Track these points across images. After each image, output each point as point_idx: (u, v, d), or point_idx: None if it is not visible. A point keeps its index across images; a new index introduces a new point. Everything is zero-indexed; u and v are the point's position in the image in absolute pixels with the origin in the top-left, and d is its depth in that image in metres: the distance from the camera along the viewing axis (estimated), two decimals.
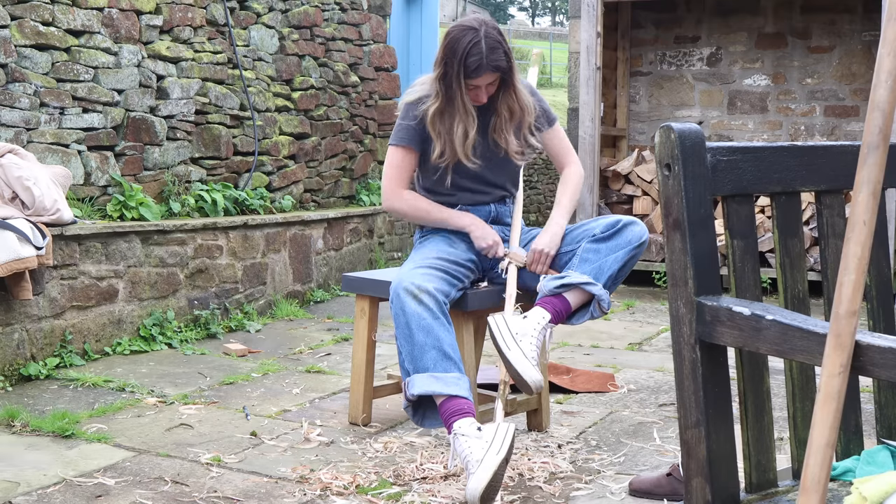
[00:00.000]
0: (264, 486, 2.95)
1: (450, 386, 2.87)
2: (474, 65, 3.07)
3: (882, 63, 1.32)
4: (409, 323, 2.92)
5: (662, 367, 4.58)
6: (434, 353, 2.90)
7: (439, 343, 2.91)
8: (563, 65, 21.99)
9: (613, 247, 3.12)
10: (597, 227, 3.17)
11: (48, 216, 4.15)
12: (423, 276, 3.01)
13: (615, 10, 8.01)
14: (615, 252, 3.11)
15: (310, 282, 6.20)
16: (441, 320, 2.94)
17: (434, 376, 2.89)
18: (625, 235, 3.12)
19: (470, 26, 3.11)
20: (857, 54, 7.68)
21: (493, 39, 3.10)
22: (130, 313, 4.73)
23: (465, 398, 2.88)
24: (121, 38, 5.03)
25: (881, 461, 1.61)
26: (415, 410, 3.02)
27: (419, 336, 2.91)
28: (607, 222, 3.16)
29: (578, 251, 3.15)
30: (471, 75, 3.09)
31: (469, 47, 3.07)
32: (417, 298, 2.93)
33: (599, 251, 3.12)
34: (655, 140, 1.52)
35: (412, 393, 2.91)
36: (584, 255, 3.13)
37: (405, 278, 2.99)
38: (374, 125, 7.37)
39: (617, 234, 3.13)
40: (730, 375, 1.54)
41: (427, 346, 2.90)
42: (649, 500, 2.86)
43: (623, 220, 3.16)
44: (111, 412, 3.68)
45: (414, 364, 2.92)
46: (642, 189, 7.60)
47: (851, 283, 1.32)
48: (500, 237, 3.25)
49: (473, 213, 3.31)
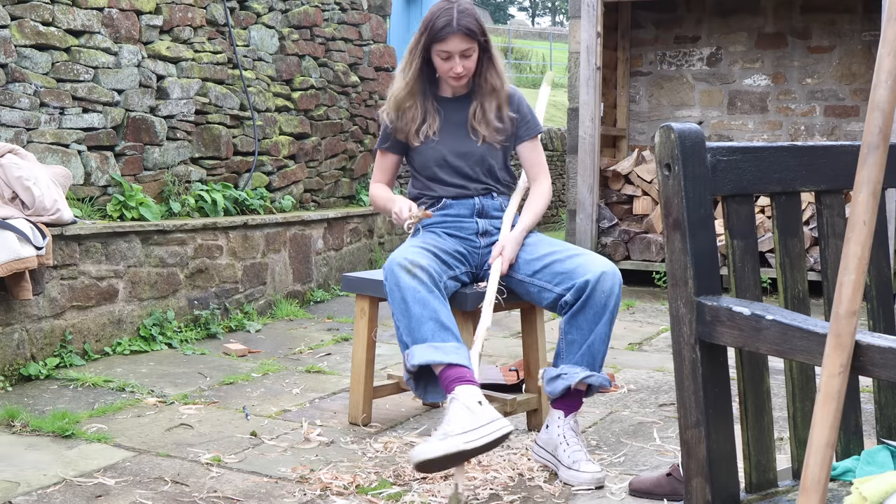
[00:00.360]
0: (264, 486, 2.95)
1: (449, 354, 2.87)
2: (443, 24, 3.15)
3: (882, 63, 1.32)
4: (404, 297, 2.94)
5: (662, 367, 4.58)
6: (431, 324, 2.90)
7: (436, 314, 2.91)
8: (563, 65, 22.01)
9: (593, 319, 3.01)
10: (568, 294, 3.04)
11: (48, 216, 4.15)
12: (415, 253, 3.06)
13: (615, 10, 8.01)
14: (597, 326, 3.02)
15: (310, 282, 6.20)
16: (436, 293, 2.95)
17: (433, 346, 2.89)
18: (596, 301, 3.00)
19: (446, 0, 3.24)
20: (857, 54, 7.68)
21: (465, 8, 3.20)
22: (130, 313, 4.73)
23: (466, 366, 2.87)
24: (121, 38, 5.03)
25: (881, 461, 1.61)
26: (416, 383, 3.01)
27: (415, 308, 2.92)
28: (576, 286, 3.02)
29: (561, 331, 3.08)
30: (439, 36, 3.16)
31: (439, 13, 3.18)
32: (411, 273, 2.96)
33: (581, 328, 3.03)
34: (655, 140, 1.52)
35: (412, 363, 2.90)
36: (568, 336, 3.05)
37: (398, 255, 3.05)
38: (374, 125, 7.36)
39: (589, 301, 3.00)
40: (730, 375, 1.54)
41: (424, 318, 2.90)
42: (649, 500, 2.86)
43: (589, 278, 3.01)
44: (111, 412, 3.68)
45: (412, 336, 2.92)
46: (642, 189, 7.60)
47: (851, 283, 1.32)
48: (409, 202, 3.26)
49: (458, 206, 3.33)
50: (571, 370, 3.03)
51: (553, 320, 5.72)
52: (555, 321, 5.70)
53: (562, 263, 3.11)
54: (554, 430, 3.08)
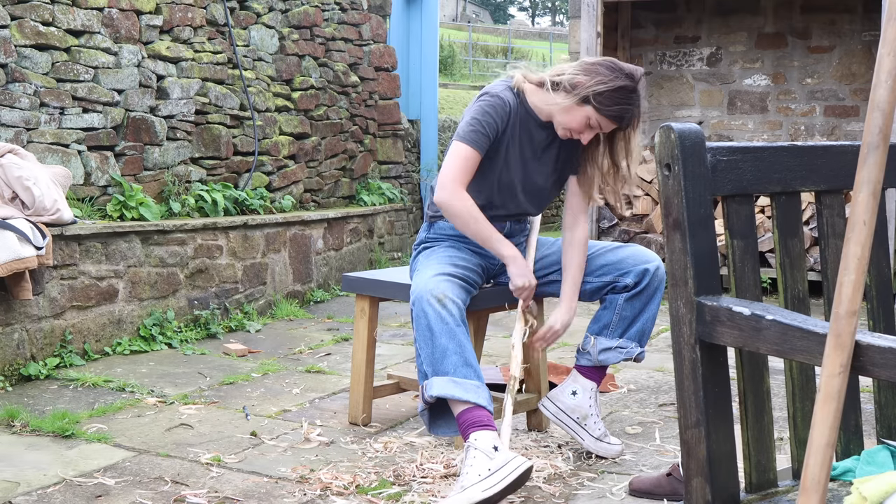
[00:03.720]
0: (264, 486, 2.95)
1: (469, 392, 2.81)
2: (624, 114, 2.95)
3: (882, 63, 1.32)
4: (430, 325, 2.85)
5: (662, 367, 4.58)
6: (455, 359, 2.84)
7: (461, 349, 2.84)
8: None
9: (646, 300, 3.20)
10: (628, 278, 3.18)
11: (48, 216, 4.15)
12: (446, 283, 2.94)
13: (615, 10, 8.01)
14: (649, 306, 3.21)
15: (310, 282, 6.20)
16: (462, 328, 2.88)
17: (454, 380, 2.82)
18: (652, 285, 3.20)
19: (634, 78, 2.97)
20: (857, 54, 7.68)
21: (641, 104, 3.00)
22: (130, 313, 4.73)
23: (486, 409, 2.83)
24: (121, 38, 5.03)
25: (881, 461, 1.61)
26: (430, 415, 2.95)
27: (441, 339, 2.84)
28: (636, 272, 3.18)
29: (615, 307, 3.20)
30: (612, 118, 2.95)
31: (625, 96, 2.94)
32: (441, 303, 2.87)
33: (635, 307, 3.21)
34: (655, 140, 1.52)
35: (431, 394, 2.83)
36: (623, 313, 3.21)
37: (429, 284, 2.91)
38: (374, 125, 7.37)
39: (649, 286, 3.19)
40: (730, 375, 1.54)
41: (449, 351, 2.84)
42: (649, 500, 2.86)
43: (649, 267, 3.19)
44: (111, 412, 3.68)
45: (434, 367, 2.85)
46: (642, 189, 7.60)
47: (851, 283, 1.32)
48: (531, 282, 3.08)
49: None
50: (628, 345, 3.21)
51: None
52: None
53: (604, 257, 3.24)
54: (585, 400, 3.24)
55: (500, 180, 3.12)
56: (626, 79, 2.95)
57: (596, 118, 2.96)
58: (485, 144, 3.02)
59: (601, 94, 2.93)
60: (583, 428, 3.23)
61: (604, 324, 3.23)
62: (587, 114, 2.96)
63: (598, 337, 3.22)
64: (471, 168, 3.02)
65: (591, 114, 2.96)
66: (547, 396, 3.30)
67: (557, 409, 3.26)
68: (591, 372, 3.26)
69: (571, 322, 3.18)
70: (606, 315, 3.23)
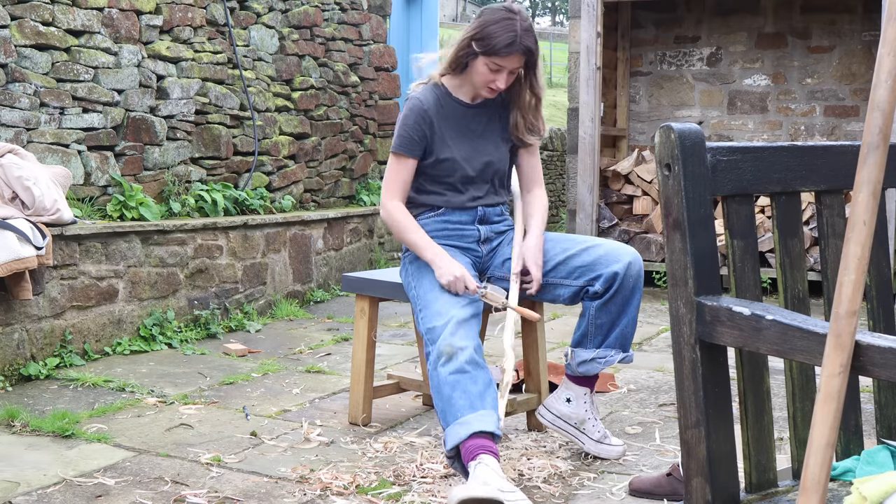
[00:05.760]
0: (264, 486, 2.95)
1: (472, 426, 2.76)
2: (507, 41, 3.01)
3: (882, 63, 1.32)
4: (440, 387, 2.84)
5: (662, 367, 4.58)
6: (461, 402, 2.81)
7: (465, 394, 2.81)
8: (563, 65, 22.00)
9: (623, 304, 3.08)
10: (597, 284, 3.07)
11: (48, 216, 4.15)
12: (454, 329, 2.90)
13: (615, 10, 8.01)
14: (627, 310, 3.09)
15: (310, 282, 6.20)
16: (470, 374, 2.83)
17: (461, 422, 2.79)
18: (626, 287, 3.06)
19: (506, 8, 3.09)
20: (857, 54, 7.68)
21: (528, 25, 3.09)
22: (130, 313, 4.73)
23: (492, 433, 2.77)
24: (121, 38, 5.03)
25: (881, 461, 1.61)
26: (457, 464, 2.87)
27: (447, 391, 2.83)
28: (605, 277, 3.06)
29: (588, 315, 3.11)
30: (500, 52, 3.02)
31: (501, 25, 3.03)
32: (451, 358, 2.84)
33: (611, 312, 3.09)
34: (655, 140, 1.52)
35: (448, 449, 2.81)
36: (598, 321, 3.10)
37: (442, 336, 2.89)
38: (374, 125, 7.37)
39: (620, 289, 3.06)
40: (730, 375, 1.54)
41: (454, 399, 2.82)
42: (649, 500, 2.86)
43: (618, 270, 3.05)
44: (111, 412, 3.68)
45: (445, 419, 2.84)
46: (642, 189, 7.60)
47: (851, 283, 1.32)
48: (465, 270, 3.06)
49: (459, 213, 3.22)
50: (607, 353, 3.14)
51: (553, 320, 5.72)
52: (555, 321, 5.69)
53: (578, 258, 3.14)
54: (580, 405, 3.22)
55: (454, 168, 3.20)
56: (491, 13, 3.08)
57: (490, 60, 3.05)
58: (413, 147, 3.16)
59: (478, 39, 3.05)
60: (582, 432, 3.22)
61: (581, 333, 3.15)
62: (482, 62, 3.06)
63: (575, 350, 3.17)
64: (404, 176, 3.18)
65: (484, 60, 3.06)
66: (543, 405, 3.28)
67: (554, 416, 3.24)
68: (580, 380, 3.22)
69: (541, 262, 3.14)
70: (583, 324, 3.15)
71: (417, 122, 3.15)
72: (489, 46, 3.03)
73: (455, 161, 3.18)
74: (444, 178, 3.20)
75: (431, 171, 3.20)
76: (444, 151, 3.17)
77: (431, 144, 3.17)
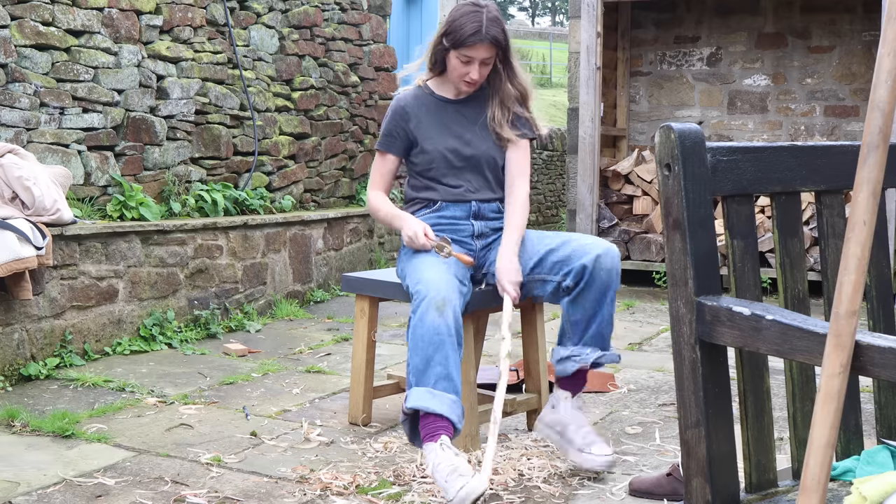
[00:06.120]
0: (264, 486, 2.95)
1: (443, 406, 2.82)
2: (471, 31, 3.10)
3: (882, 63, 1.32)
4: (424, 335, 2.86)
5: (662, 367, 4.58)
6: (439, 369, 2.84)
7: (446, 361, 2.85)
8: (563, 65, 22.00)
9: (596, 299, 3.03)
10: (568, 279, 3.04)
11: (48, 216, 4.15)
12: (447, 286, 2.95)
13: (615, 10, 8.01)
14: (602, 306, 3.03)
15: (310, 282, 6.20)
16: (454, 338, 2.87)
17: (431, 392, 2.84)
18: (597, 280, 3.02)
19: (473, 2, 3.18)
20: (857, 54, 7.68)
21: (494, 16, 3.15)
22: (130, 313, 4.73)
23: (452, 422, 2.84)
24: (121, 38, 5.03)
25: (881, 461, 1.61)
26: (411, 426, 2.94)
27: (428, 350, 2.85)
28: (575, 271, 3.03)
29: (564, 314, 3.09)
30: (466, 42, 3.11)
31: (467, 17, 3.12)
32: (441, 311, 2.87)
33: (584, 308, 3.04)
34: (655, 140, 1.52)
35: (407, 406, 2.86)
36: (572, 318, 3.06)
37: (431, 289, 2.92)
38: (374, 125, 7.36)
39: (591, 282, 3.02)
40: (730, 375, 1.54)
41: (433, 362, 2.84)
42: (649, 500, 2.86)
43: (586, 262, 3.01)
44: (111, 412, 3.68)
45: (416, 377, 2.87)
46: (642, 189, 7.60)
47: (851, 283, 1.32)
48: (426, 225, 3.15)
49: (454, 208, 3.27)
50: (582, 351, 3.07)
51: (553, 320, 5.72)
52: (556, 321, 5.69)
53: (557, 253, 3.11)
54: (561, 410, 3.14)
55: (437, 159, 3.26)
56: (459, 8, 3.17)
57: (460, 53, 3.14)
58: (391, 143, 3.32)
59: (447, 34, 3.15)
60: (564, 439, 3.10)
61: (560, 331, 3.15)
62: (454, 56, 3.16)
63: (556, 347, 3.16)
64: (386, 171, 3.35)
65: (455, 53, 3.15)
66: (538, 419, 3.24)
67: (543, 425, 3.18)
68: (562, 382, 3.16)
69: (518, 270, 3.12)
70: (561, 321, 3.14)
71: (394, 119, 3.30)
72: (456, 39, 3.13)
73: (438, 151, 3.26)
74: (431, 170, 3.28)
75: (419, 165, 3.30)
76: (426, 143, 3.27)
77: (415, 138, 3.29)
